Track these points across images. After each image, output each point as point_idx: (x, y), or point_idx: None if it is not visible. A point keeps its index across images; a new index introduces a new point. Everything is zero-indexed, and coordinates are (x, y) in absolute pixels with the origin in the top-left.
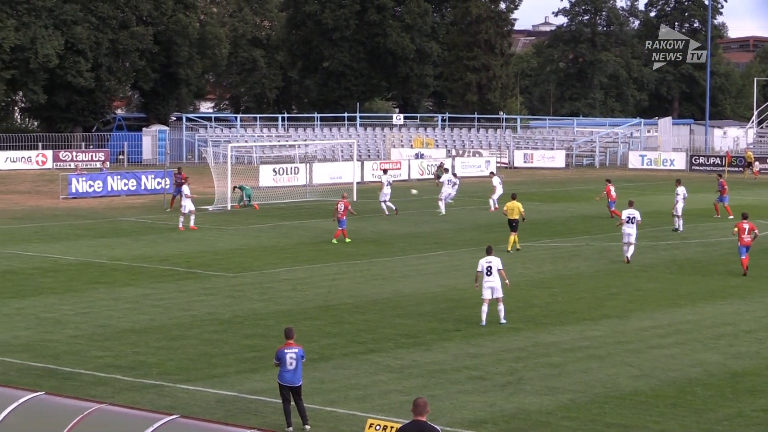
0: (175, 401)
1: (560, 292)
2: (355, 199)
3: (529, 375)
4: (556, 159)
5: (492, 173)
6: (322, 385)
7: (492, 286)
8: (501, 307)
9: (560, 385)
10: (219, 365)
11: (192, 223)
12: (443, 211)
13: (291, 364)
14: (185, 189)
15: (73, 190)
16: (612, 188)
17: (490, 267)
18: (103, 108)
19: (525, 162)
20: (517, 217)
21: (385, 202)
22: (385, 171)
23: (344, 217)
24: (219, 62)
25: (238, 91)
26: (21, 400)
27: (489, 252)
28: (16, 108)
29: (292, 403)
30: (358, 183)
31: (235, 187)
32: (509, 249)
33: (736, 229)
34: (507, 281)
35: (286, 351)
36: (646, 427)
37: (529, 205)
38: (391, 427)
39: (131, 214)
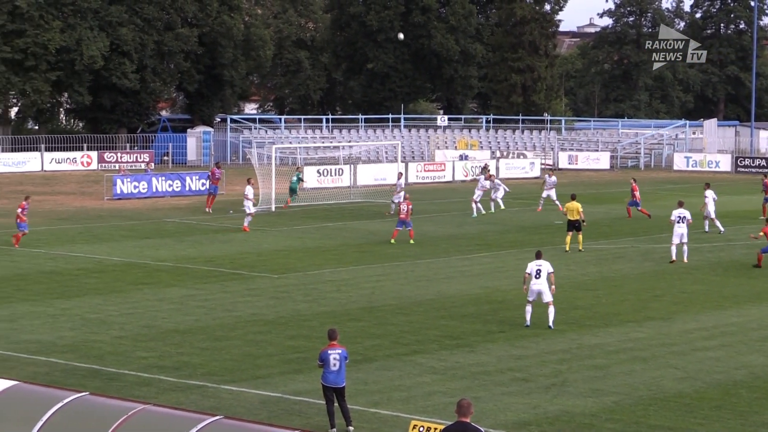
0: (219, 402)
1: (604, 294)
2: None
3: (573, 377)
4: (601, 161)
5: (551, 169)
6: (366, 386)
7: (539, 289)
8: (551, 310)
9: (604, 387)
10: (263, 366)
11: (246, 224)
12: (475, 213)
13: (335, 365)
14: (248, 191)
15: (118, 191)
16: (637, 188)
17: (540, 270)
18: (147, 109)
19: (569, 163)
20: (577, 217)
21: (396, 202)
22: (400, 175)
23: (408, 218)
24: (263, 64)
25: (283, 93)
26: (66, 401)
27: (539, 256)
28: (61, 109)
29: (336, 404)
30: None
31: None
32: (580, 248)
33: (761, 233)
34: (553, 287)
35: (329, 352)
36: (691, 429)
37: None
38: (435, 429)
39: (176, 215)
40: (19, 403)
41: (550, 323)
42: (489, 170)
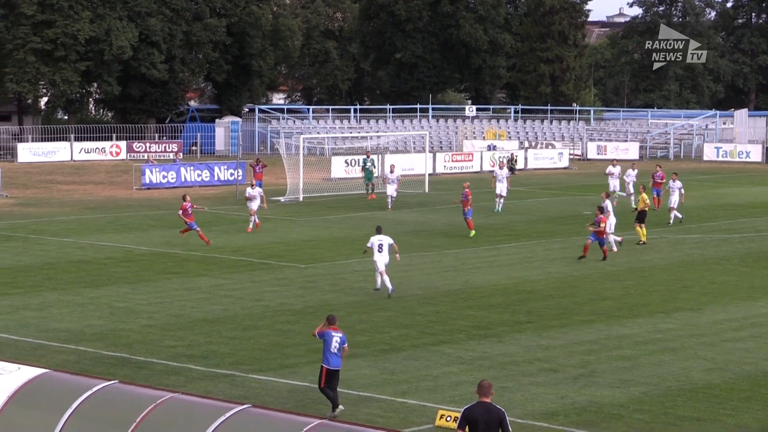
0: (247, 391)
1: (633, 284)
2: (426, 191)
3: (601, 367)
4: (630, 151)
5: (633, 162)
6: (393, 376)
7: (384, 261)
8: (386, 278)
9: (633, 378)
10: (291, 355)
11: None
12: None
13: (335, 347)
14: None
15: (147, 181)
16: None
17: (381, 245)
18: (176, 99)
19: (598, 154)
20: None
21: (392, 197)
22: (393, 168)
23: (470, 207)
24: (292, 54)
25: (311, 83)
26: (95, 389)
27: (379, 231)
28: (90, 99)
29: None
30: (430, 175)
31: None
32: (644, 240)
33: (603, 225)
34: (398, 255)
35: (333, 334)
36: (720, 420)
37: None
38: None
39: (204, 205)
40: (49, 390)
41: (390, 291)
42: (516, 160)
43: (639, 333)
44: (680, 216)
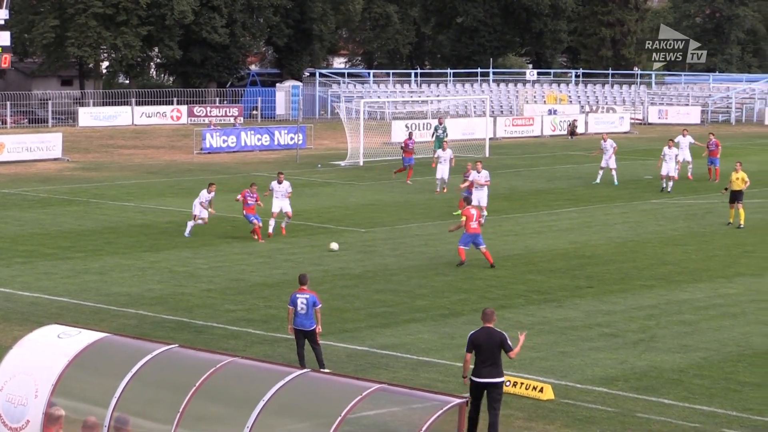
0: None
1: (694, 249)
2: (487, 155)
3: (661, 332)
4: (691, 115)
5: (685, 131)
6: (453, 340)
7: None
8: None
9: (693, 343)
10: (350, 320)
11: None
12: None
13: (302, 308)
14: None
15: (207, 145)
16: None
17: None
18: (237, 64)
19: (659, 118)
20: (740, 187)
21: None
22: (478, 166)
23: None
24: (352, 18)
25: (372, 47)
26: (154, 353)
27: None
28: (152, 64)
29: (313, 349)
30: (490, 139)
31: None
32: (741, 223)
33: (464, 217)
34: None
35: (298, 295)
36: None
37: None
38: (521, 383)
39: (264, 169)
40: (110, 354)
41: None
42: (576, 127)
43: (699, 298)
44: (667, 185)
